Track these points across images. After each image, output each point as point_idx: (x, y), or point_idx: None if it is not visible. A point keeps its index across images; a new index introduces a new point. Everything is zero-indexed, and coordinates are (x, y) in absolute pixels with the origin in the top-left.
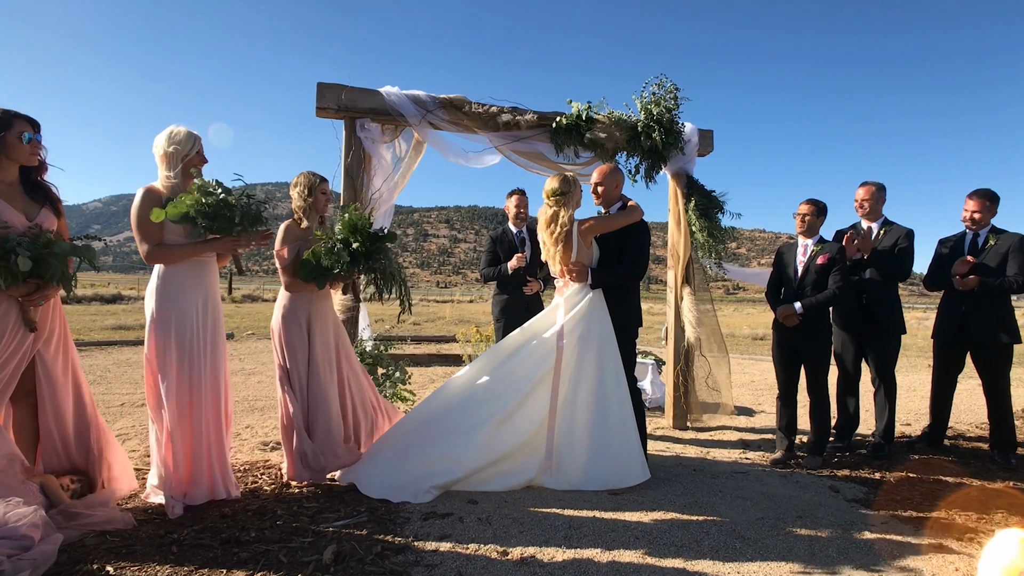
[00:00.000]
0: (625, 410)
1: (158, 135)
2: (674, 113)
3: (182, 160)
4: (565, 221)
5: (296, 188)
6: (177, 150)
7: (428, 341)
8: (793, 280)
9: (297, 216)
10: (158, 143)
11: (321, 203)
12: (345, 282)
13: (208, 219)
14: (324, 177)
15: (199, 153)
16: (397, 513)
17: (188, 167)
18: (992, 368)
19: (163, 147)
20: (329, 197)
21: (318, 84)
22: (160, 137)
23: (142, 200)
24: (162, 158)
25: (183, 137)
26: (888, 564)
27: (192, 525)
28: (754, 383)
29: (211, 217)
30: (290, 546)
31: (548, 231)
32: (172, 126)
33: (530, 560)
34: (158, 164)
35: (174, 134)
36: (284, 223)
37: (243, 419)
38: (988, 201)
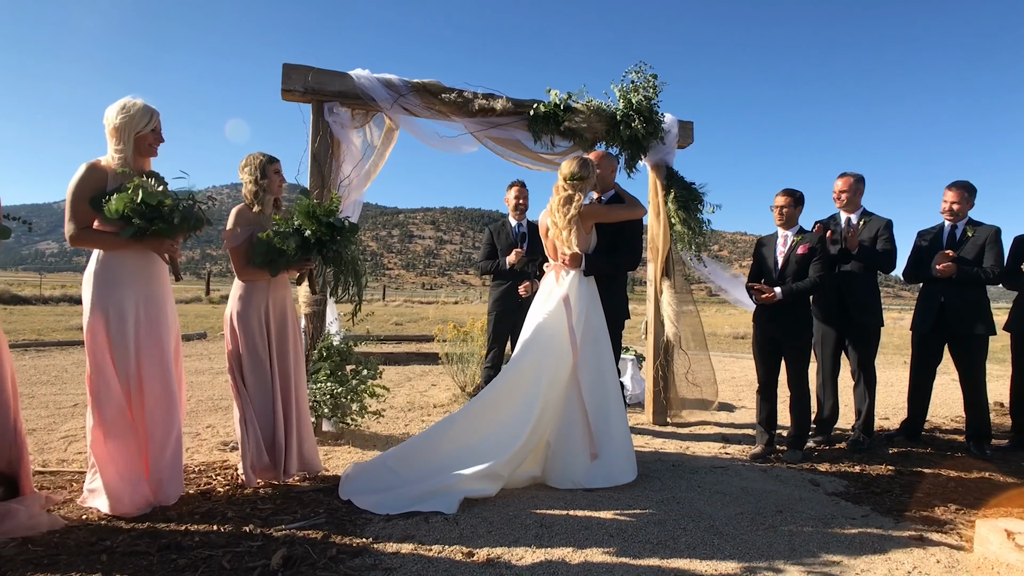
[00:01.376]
0: (621, 403)
1: (110, 106)
2: (653, 102)
3: (133, 135)
4: (579, 204)
5: (246, 170)
6: (127, 123)
7: (408, 340)
8: (773, 271)
9: (248, 200)
10: (109, 114)
11: (275, 184)
12: (300, 271)
13: (143, 219)
14: (274, 157)
15: (155, 131)
16: (359, 514)
17: (141, 144)
18: (969, 360)
19: (113, 119)
20: (283, 178)
21: (284, 65)
22: (112, 108)
23: (82, 177)
24: (112, 131)
25: (137, 110)
26: (869, 558)
27: (130, 531)
28: (735, 379)
29: (147, 218)
30: (236, 551)
31: (562, 212)
32: (127, 97)
33: (497, 561)
34: (107, 137)
35: (127, 106)
36: (236, 207)
37: (205, 418)
38: (966, 193)
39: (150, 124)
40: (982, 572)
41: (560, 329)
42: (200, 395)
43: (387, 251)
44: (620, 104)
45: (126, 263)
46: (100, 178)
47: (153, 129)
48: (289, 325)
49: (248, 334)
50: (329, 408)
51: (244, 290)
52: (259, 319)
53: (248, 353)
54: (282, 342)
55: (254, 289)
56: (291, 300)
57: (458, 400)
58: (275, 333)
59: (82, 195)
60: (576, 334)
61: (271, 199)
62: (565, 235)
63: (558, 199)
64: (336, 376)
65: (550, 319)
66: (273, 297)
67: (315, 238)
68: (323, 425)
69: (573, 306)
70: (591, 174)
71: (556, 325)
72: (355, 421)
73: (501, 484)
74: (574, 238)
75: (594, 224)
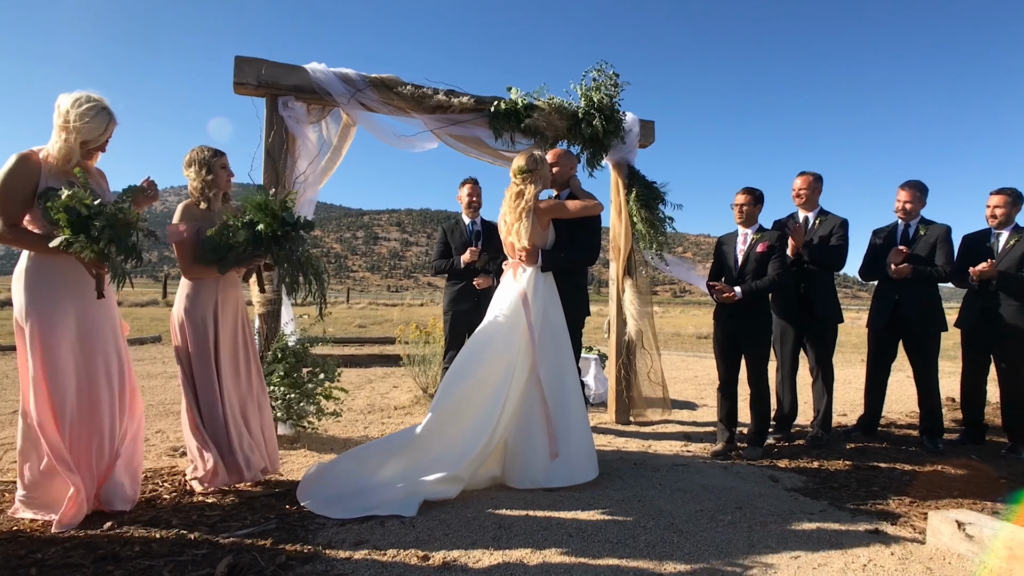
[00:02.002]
0: (581, 401)
1: (65, 96)
2: (615, 100)
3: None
4: (530, 197)
5: (191, 167)
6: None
7: (370, 343)
8: (733, 268)
9: (194, 197)
10: (62, 107)
11: (222, 179)
12: (249, 268)
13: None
14: (221, 151)
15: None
16: (311, 520)
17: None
18: (922, 356)
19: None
20: (230, 172)
21: (236, 58)
22: (68, 100)
23: (11, 169)
24: (62, 126)
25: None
26: (827, 552)
27: (64, 542)
28: (697, 378)
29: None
30: (179, 560)
31: (512, 206)
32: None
33: (453, 565)
34: (55, 128)
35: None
36: (182, 203)
37: (155, 423)
38: (919, 192)
39: (105, 134)
40: (934, 563)
41: (519, 327)
42: (151, 399)
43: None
44: (581, 102)
45: (58, 266)
46: (32, 172)
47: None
48: (240, 325)
49: (197, 334)
50: (284, 411)
51: (192, 289)
52: (208, 319)
53: (197, 354)
54: (234, 343)
55: (202, 287)
56: (243, 300)
57: (419, 402)
58: (227, 333)
59: (10, 188)
60: (535, 331)
61: (219, 195)
62: (517, 229)
63: (510, 194)
64: (291, 378)
65: (509, 317)
66: (223, 296)
67: (268, 232)
68: (279, 428)
69: (531, 303)
70: (541, 168)
71: (515, 323)
72: (312, 424)
73: (462, 486)
74: (526, 232)
75: (551, 220)
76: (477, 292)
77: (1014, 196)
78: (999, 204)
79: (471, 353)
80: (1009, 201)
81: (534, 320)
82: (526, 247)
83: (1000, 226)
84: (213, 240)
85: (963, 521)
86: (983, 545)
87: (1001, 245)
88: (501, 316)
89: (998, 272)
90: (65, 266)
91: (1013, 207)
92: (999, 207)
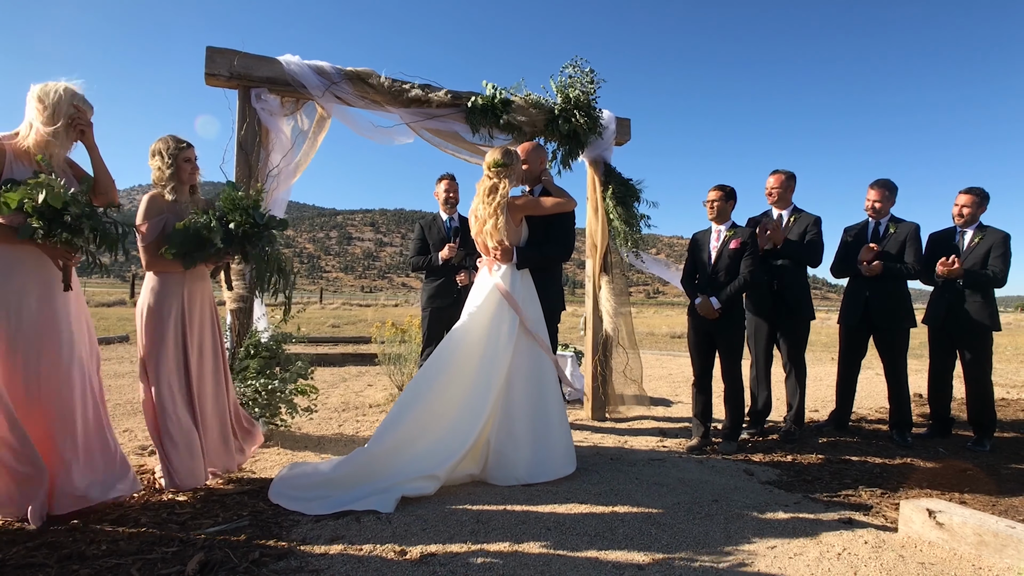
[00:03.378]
0: (559, 396)
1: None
2: (592, 96)
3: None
4: (504, 193)
5: (155, 158)
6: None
7: (344, 342)
8: (707, 265)
9: (158, 188)
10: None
11: (185, 172)
12: (216, 264)
13: (43, 222)
14: (187, 142)
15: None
16: (286, 516)
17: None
18: (892, 351)
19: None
20: (195, 165)
21: (208, 48)
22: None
23: None
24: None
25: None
26: (802, 541)
27: (27, 541)
28: (671, 376)
29: (47, 222)
30: (148, 558)
31: (486, 201)
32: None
33: (431, 559)
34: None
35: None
36: (147, 195)
37: (123, 422)
38: (887, 191)
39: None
40: (906, 550)
41: (496, 325)
42: (119, 398)
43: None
44: (558, 99)
45: (20, 256)
46: None
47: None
48: (209, 319)
49: (161, 329)
50: (258, 408)
51: (158, 283)
52: (175, 314)
53: (161, 349)
54: (202, 337)
55: (169, 281)
56: (210, 293)
57: (395, 399)
58: (195, 328)
59: None
60: (512, 329)
61: (184, 187)
62: (491, 225)
63: (483, 189)
64: (264, 375)
65: (485, 316)
66: (190, 290)
67: (240, 231)
68: None
69: (507, 295)
70: (515, 163)
71: (491, 320)
72: (284, 422)
73: (440, 484)
74: (501, 228)
75: (524, 217)
76: (456, 289)
77: (981, 196)
78: (966, 203)
79: (449, 351)
80: (976, 201)
81: (511, 315)
82: (502, 243)
83: (966, 224)
84: (180, 235)
85: (934, 510)
86: (953, 532)
87: (966, 243)
88: (478, 313)
89: (964, 271)
90: (26, 256)
91: (979, 207)
92: (966, 206)
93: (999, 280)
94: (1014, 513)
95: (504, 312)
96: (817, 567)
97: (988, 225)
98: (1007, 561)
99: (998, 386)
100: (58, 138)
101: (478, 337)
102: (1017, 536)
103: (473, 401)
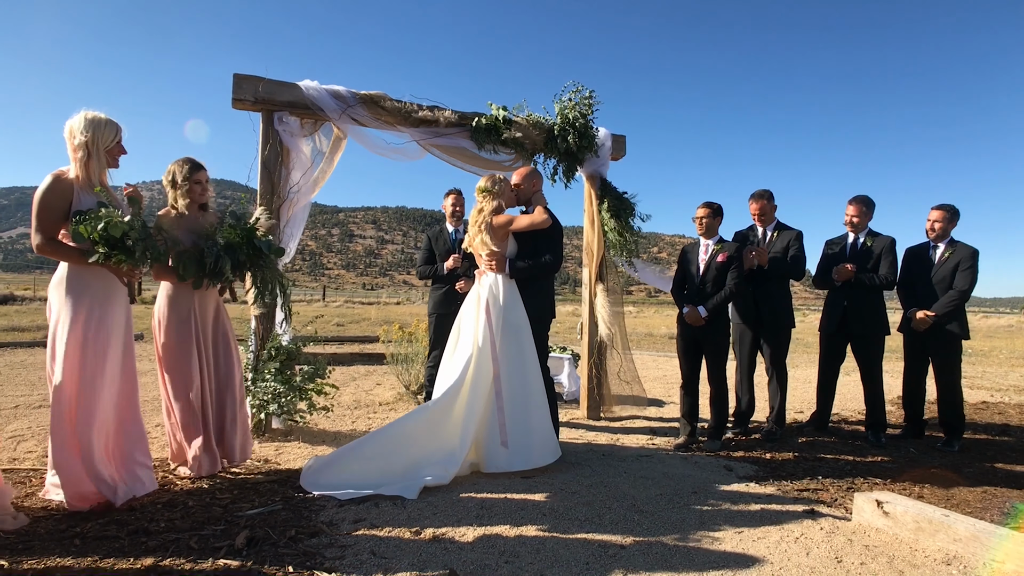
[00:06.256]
0: (543, 393)
1: (71, 119)
2: (589, 118)
3: (105, 149)
4: (487, 213)
5: (166, 177)
6: (94, 138)
7: (351, 341)
8: (696, 277)
9: (168, 208)
10: (73, 129)
11: (195, 194)
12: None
13: (108, 247)
14: (200, 165)
15: (119, 143)
16: (313, 501)
17: (109, 157)
18: (868, 357)
19: (79, 134)
20: (205, 186)
21: (235, 75)
22: (75, 122)
23: (49, 187)
24: (79, 145)
25: (103, 125)
26: (766, 528)
27: (97, 519)
28: (666, 377)
29: (110, 247)
30: (201, 534)
31: (474, 220)
32: (87, 111)
33: (442, 538)
34: (70, 151)
35: (92, 120)
36: (160, 212)
37: (154, 418)
38: (864, 207)
39: (116, 138)
40: (856, 535)
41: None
42: (145, 395)
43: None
44: (557, 119)
45: (92, 275)
46: (67, 189)
47: (118, 142)
48: (219, 319)
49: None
50: (278, 405)
51: (172, 288)
52: (191, 312)
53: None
54: (215, 336)
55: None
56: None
57: (402, 398)
58: (207, 327)
59: (48, 205)
60: (497, 332)
61: (195, 206)
62: (478, 240)
63: (474, 209)
64: (284, 375)
65: (474, 321)
66: (201, 293)
67: (246, 259)
68: (272, 422)
69: (491, 307)
70: (500, 189)
71: (479, 325)
72: (303, 419)
73: (455, 474)
74: (483, 243)
75: (510, 233)
76: (460, 296)
77: (951, 212)
78: (938, 219)
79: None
80: (947, 216)
81: (495, 321)
82: (491, 254)
83: (938, 239)
84: (194, 265)
85: (882, 500)
86: (897, 520)
87: (938, 257)
88: (469, 320)
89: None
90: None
91: (949, 222)
92: (938, 221)
93: (965, 294)
94: (965, 506)
95: (489, 318)
96: (776, 548)
97: (959, 241)
98: (939, 544)
99: (983, 389)
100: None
101: (468, 342)
102: (949, 523)
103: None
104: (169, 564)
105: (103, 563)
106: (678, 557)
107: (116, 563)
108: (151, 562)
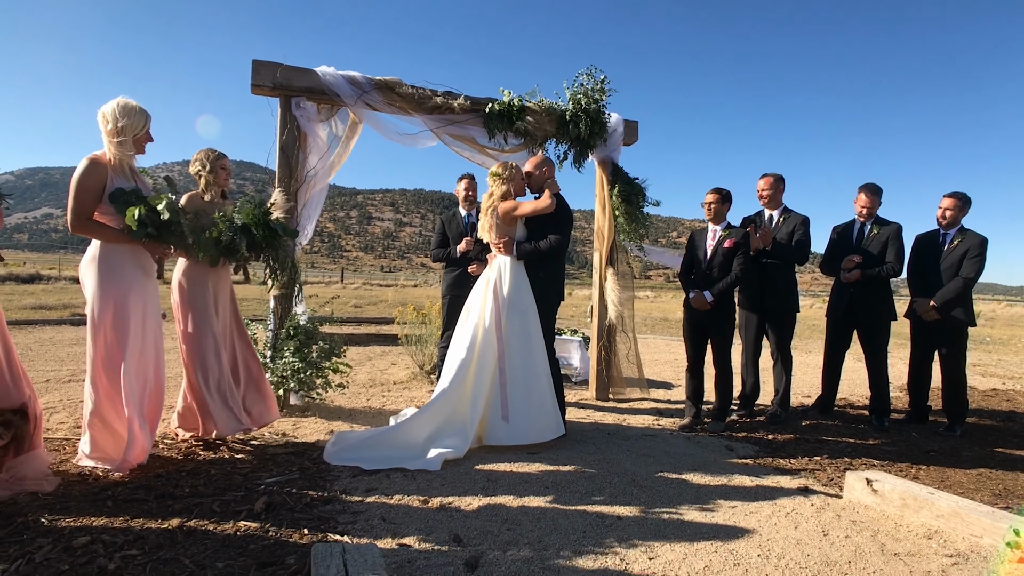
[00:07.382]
0: (547, 371)
1: (106, 105)
2: (601, 104)
3: (132, 136)
4: (497, 198)
5: (196, 163)
6: (128, 125)
7: (368, 323)
8: (703, 262)
9: (199, 189)
10: (107, 115)
11: (221, 177)
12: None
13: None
14: (222, 153)
15: (147, 132)
16: (328, 471)
17: (137, 144)
18: (873, 343)
19: (113, 120)
20: (229, 172)
21: (253, 61)
22: (109, 108)
23: (85, 170)
24: (113, 131)
25: (136, 112)
26: (759, 503)
27: (128, 484)
28: (677, 361)
29: (158, 229)
30: (223, 499)
31: (485, 204)
32: (121, 98)
33: (448, 507)
34: (105, 136)
35: (126, 107)
36: (188, 194)
37: (175, 394)
38: (872, 195)
39: (145, 126)
40: (845, 511)
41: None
42: (169, 371)
43: (345, 233)
44: (570, 105)
45: (124, 252)
46: (102, 172)
47: (147, 131)
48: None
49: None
50: (296, 382)
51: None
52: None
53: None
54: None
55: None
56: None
57: (416, 378)
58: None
59: (85, 187)
60: (502, 311)
61: (219, 190)
62: (487, 224)
63: (486, 195)
64: (301, 353)
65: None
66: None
67: (261, 240)
68: (290, 399)
69: (499, 287)
70: (511, 175)
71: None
72: (320, 395)
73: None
74: (494, 226)
75: (518, 217)
76: (472, 279)
77: (963, 200)
78: (949, 207)
79: (461, 336)
80: (958, 204)
81: (502, 302)
82: (501, 238)
83: (948, 227)
84: (212, 243)
85: (871, 479)
86: (884, 497)
87: (947, 244)
88: (477, 301)
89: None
90: (127, 253)
91: (961, 210)
92: (949, 209)
93: (969, 282)
94: (958, 487)
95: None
96: (766, 522)
97: (968, 229)
98: (922, 519)
99: (996, 377)
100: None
101: (478, 321)
102: (933, 500)
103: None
104: (194, 525)
105: (133, 522)
106: (671, 528)
107: (145, 523)
108: (177, 523)
